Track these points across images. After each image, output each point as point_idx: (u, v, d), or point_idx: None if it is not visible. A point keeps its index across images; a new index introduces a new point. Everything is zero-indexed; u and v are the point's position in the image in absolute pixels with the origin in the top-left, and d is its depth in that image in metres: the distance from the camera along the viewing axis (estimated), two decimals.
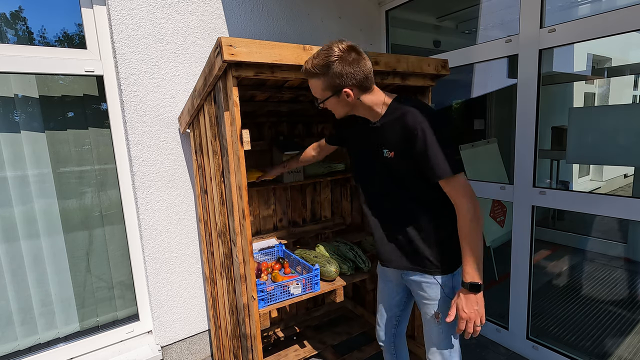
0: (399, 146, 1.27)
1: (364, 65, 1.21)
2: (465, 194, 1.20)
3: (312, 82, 1.28)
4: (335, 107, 1.32)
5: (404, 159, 1.27)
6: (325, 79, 1.23)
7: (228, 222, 1.56)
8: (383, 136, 1.31)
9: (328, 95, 1.27)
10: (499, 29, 2.50)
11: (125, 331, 2.17)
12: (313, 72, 1.24)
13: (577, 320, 2.62)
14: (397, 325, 1.65)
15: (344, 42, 1.20)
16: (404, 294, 1.57)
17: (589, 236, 3.86)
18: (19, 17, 1.82)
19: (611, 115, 2.28)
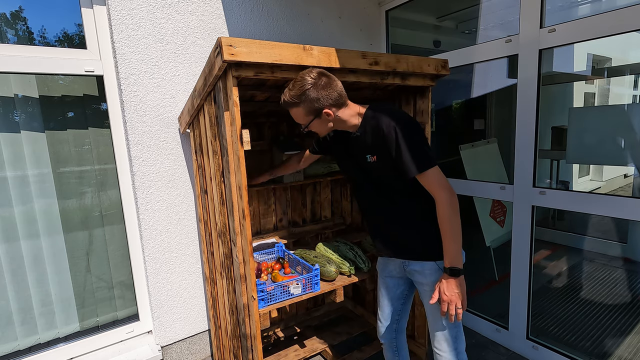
0: (379, 150, 1.38)
1: (335, 85, 1.34)
2: (440, 185, 1.30)
3: (293, 112, 1.39)
4: (319, 128, 1.43)
5: (385, 161, 1.37)
6: (305, 106, 1.34)
7: (228, 222, 1.56)
8: (364, 143, 1.43)
9: (311, 119, 1.38)
10: (499, 29, 2.50)
11: (125, 331, 2.17)
12: (292, 102, 1.35)
13: (577, 320, 2.62)
14: (399, 320, 1.68)
15: (314, 70, 1.33)
16: (405, 287, 1.62)
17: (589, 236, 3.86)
18: (19, 17, 1.82)
19: (611, 115, 2.28)
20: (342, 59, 1.43)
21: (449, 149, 3.35)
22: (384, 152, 1.36)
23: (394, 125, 1.32)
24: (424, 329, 2.09)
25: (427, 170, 1.30)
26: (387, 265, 1.61)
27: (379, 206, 1.50)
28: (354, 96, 1.99)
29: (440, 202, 1.31)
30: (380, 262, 1.67)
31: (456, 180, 2.48)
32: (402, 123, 1.33)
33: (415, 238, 1.44)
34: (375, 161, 1.41)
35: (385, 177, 1.42)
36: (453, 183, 2.47)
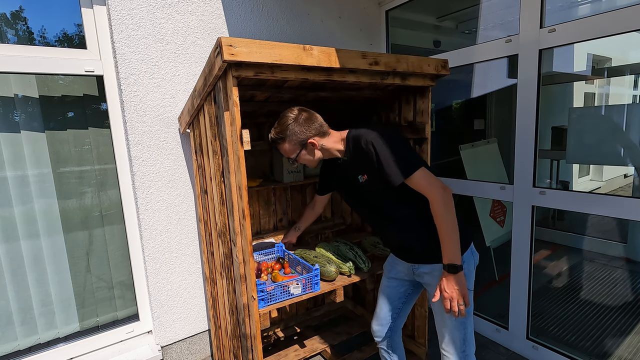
0: (365, 169, 1.45)
1: (315, 118, 1.50)
2: (429, 184, 1.33)
3: (282, 147, 1.52)
4: (308, 158, 1.54)
5: (374, 177, 1.43)
6: (290, 140, 1.48)
7: (228, 222, 1.56)
8: (353, 166, 1.51)
9: (299, 151, 1.51)
10: (499, 29, 2.50)
11: (125, 331, 2.17)
12: (279, 138, 1.49)
13: (577, 320, 2.62)
14: (396, 319, 1.69)
15: (295, 108, 1.50)
16: (409, 287, 1.64)
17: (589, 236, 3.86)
18: (19, 17, 1.82)
19: (611, 115, 2.28)
20: (342, 59, 1.43)
21: (449, 149, 3.35)
22: (370, 169, 1.42)
23: (370, 140, 1.39)
24: (424, 329, 2.09)
25: (412, 173, 1.33)
26: (396, 266, 1.63)
27: (385, 222, 1.53)
28: (354, 96, 2.00)
29: (432, 200, 1.33)
30: (388, 262, 1.69)
31: (456, 180, 2.48)
32: (377, 136, 1.39)
33: (421, 243, 1.46)
34: (367, 180, 1.47)
35: (379, 192, 1.46)
36: (453, 183, 2.47)
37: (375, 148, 1.37)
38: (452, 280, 1.32)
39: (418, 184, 1.34)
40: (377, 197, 1.49)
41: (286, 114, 1.48)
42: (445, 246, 1.33)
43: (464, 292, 1.33)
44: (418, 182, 1.34)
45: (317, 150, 1.52)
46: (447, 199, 1.32)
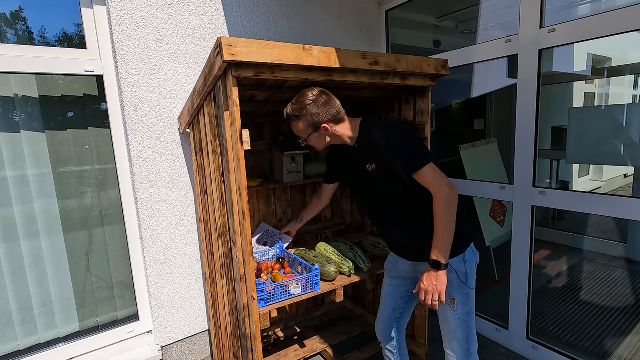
0: (375, 158, 1.43)
1: (334, 103, 1.46)
2: (436, 180, 1.33)
3: (294, 124, 1.49)
4: (317, 142, 1.53)
5: (382, 168, 1.42)
6: (305, 120, 1.45)
7: (228, 222, 1.56)
8: (363, 154, 1.50)
9: (310, 133, 1.48)
10: (499, 29, 2.50)
11: (125, 331, 2.17)
12: (294, 116, 1.46)
13: (577, 320, 2.62)
14: (400, 319, 1.68)
15: (316, 89, 1.45)
16: (411, 286, 1.63)
17: (589, 236, 3.86)
18: (19, 17, 1.82)
19: (611, 115, 2.28)
20: (342, 59, 1.43)
21: (449, 149, 3.35)
22: (379, 159, 1.42)
23: (382, 131, 1.40)
24: (424, 329, 2.09)
25: (421, 168, 1.33)
26: (397, 265, 1.63)
27: (390, 217, 1.52)
28: (354, 96, 2.00)
29: (435, 196, 1.33)
30: (389, 261, 1.68)
31: (456, 180, 2.48)
32: (389, 128, 1.41)
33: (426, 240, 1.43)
34: (375, 169, 1.46)
35: (386, 184, 1.45)
36: (453, 183, 2.47)
37: (387, 138, 1.38)
38: (432, 275, 1.33)
39: (425, 179, 1.34)
40: (384, 189, 1.48)
41: (306, 92, 1.45)
42: (436, 242, 1.33)
43: (440, 289, 1.33)
44: (425, 177, 1.34)
45: (329, 136, 1.51)
46: (451, 198, 1.31)
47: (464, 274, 1.43)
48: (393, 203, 1.48)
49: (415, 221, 1.45)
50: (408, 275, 1.60)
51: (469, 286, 1.44)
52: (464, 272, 1.43)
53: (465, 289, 1.43)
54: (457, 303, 1.43)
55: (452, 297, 1.43)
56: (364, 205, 1.69)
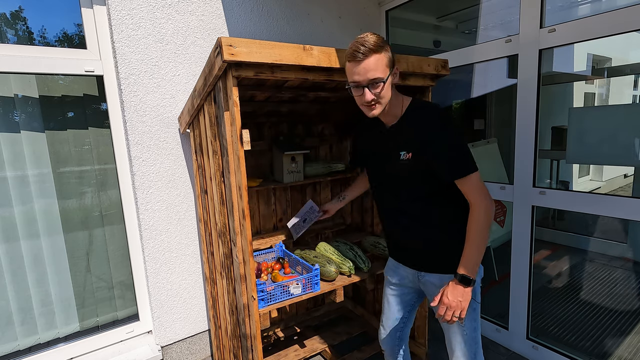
0: (417, 146, 1.27)
1: None
2: (481, 191, 1.22)
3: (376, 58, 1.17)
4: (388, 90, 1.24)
5: (420, 160, 1.27)
6: (387, 53, 1.20)
7: (228, 222, 1.56)
8: (400, 138, 1.32)
9: (389, 73, 1.21)
10: (499, 29, 2.50)
11: (125, 331, 2.17)
12: (379, 45, 1.17)
13: (577, 320, 2.62)
14: (403, 328, 1.61)
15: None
16: (414, 295, 1.55)
17: (589, 236, 3.86)
18: (19, 17, 1.82)
19: (611, 115, 2.28)
20: (342, 59, 1.43)
21: None
22: (422, 150, 1.26)
23: (439, 122, 1.23)
24: (424, 329, 2.09)
25: (470, 174, 1.22)
26: (398, 271, 1.53)
27: (403, 211, 1.39)
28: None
29: (476, 208, 1.23)
30: (389, 267, 1.59)
31: None
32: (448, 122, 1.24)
33: (438, 248, 1.36)
34: (409, 159, 1.29)
35: (416, 179, 1.31)
36: None
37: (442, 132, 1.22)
38: (459, 290, 1.24)
39: (468, 186, 1.23)
40: (411, 184, 1.33)
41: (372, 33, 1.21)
42: (468, 256, 1.24)
43: (464, 306, 1.25)
44: (470, 184, 1.22)
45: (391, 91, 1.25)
46: (490, 211, 1.23)
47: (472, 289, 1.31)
48: (414, 202, 1.35)
49: (433, 226, 1.34)
50: (411, 284, 1.50)
51: (476, 300, 1.37)
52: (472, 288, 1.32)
53: (473, 303, 1.36)
54: (465, 319, 1.35)
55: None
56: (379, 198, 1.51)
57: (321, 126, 2.56)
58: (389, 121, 1.36)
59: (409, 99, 1.34)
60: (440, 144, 1.22)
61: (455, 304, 1.24)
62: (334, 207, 1.95)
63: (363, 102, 1.25)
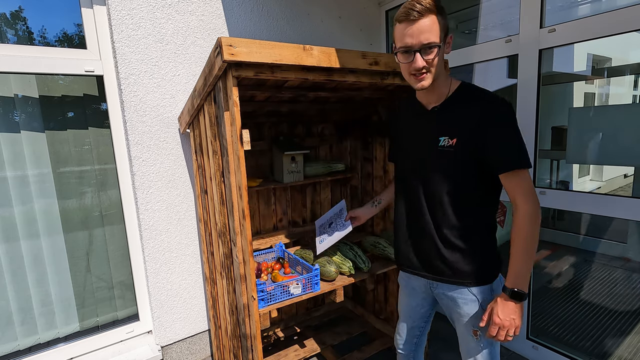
0: (464, 132, 1.13)
1: None
2: (529, 191, 1.10)
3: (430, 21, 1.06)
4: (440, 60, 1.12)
5: (466, 148, 1.13)
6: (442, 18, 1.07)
7: (228, 222, 1.56)
8: (444, 122, 1.17)
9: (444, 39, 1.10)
10: (499, 29, 2.50)
11: (125, 331, 2.17)
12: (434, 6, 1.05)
13: (577, 320, 2.62)
14: (420, 336, 1.54)
15: None
16: (430, 307, 1.46)
17: (589, 236, 3.86)
18: (19, 17, 1.82)
19: (611, 115, 2.28)
20: (342, 59, 1.43)
21: None
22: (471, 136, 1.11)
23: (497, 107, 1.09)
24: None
25: (524, 169, 1.08)
26: (410, 281, 1.43)
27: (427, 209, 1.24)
28: (354, 96, 2.00)
29: (523, 212, 1.09)
30: (402, 277, 1.50)
31: None
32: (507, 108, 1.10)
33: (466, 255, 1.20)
34: (453, 145, 1.14)
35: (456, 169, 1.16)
36: None
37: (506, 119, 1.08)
38: (511, 307, 1.10)
39: (519, 184, 1.09)
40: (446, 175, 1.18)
41: None
42: (516, 267, 1.10)
43: (518, 324, 1.12)
44: (521, 181, 1.09)
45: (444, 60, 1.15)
46: (538, 216, 1.10)
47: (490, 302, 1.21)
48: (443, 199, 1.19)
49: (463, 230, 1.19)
50: (423, 293, 1.39)
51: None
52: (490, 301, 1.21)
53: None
54: (481, 334, 1.24)
55: (475, 329, 1.25)
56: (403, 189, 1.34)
57: (321, 126, 2.56)
58: (431, 101, 1.21)
59: (458, 81, 1.20)
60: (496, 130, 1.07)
61: (508, 322, 1.11)
62: (366, 213, 1.68)
63: (412, 70, 1.12)
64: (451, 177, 1.18)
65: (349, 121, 2.52)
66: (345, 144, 2.62)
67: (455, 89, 1.18)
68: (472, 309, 1.24)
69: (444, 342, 2.29)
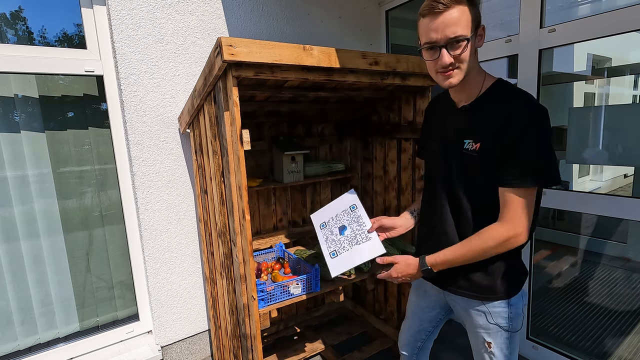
0: (489, 135, 1.03)
1: None
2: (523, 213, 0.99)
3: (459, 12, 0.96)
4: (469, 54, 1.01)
5: (489, 155, 1.03)
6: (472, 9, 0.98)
7: (228, 222, 1.56)
8: (471, 123, 1.08)
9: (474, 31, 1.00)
10: (499, 29, 2.50)
11: (125, 331, 2.17)
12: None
13: (577, 320, 2.62)
14: (425, 340, 1.47)
15: None
16: (440, 311, 1.38)
17: (589, 236, 3.86)
18: (19, 17, 1.82)
19: (611, 115, 2.28)
20: (342, 59, 1.43)
21: None
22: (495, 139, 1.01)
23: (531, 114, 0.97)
24: None
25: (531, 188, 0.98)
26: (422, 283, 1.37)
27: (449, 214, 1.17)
28: (354, 96, 2.00)
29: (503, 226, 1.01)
30: None
31: None
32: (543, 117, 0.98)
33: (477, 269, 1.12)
34: (476, 150, 1.05)
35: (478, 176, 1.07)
36: None
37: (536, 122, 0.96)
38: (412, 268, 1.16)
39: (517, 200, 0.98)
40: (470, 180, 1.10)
41: None
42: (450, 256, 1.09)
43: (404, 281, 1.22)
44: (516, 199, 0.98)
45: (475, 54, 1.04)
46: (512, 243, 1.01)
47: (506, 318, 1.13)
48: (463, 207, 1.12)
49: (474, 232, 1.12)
50: (436, 297, 1.34)
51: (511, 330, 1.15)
52: (505, 317, 1.13)
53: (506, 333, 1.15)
54: (494, 346, 1.17)
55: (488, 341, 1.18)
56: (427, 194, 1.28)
57: (321, 126, 2.56)
58: (461, 99, 1.12)
59: (493, 78, 1.09)
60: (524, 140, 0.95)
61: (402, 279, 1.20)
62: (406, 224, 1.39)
63: (438, 68, 1.03)
64: (473, 184, 1.09)
65: (349, 121, 2.52)
66: (345, 144, 2.62)
67: (488, 86, 1.07)
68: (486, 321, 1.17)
69: (444, 342, 2.29)
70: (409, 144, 2.04)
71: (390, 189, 2.24)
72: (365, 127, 2.39)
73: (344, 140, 2.62)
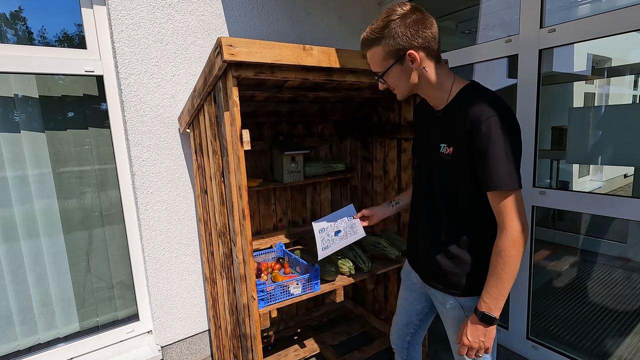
0: (459, 141, 1.07)
1: (430, 24, 1.06)
2: (517, 215, 1.02)
3: (371, 53, 1.12)
4: (399, 81, 1.11)
5: (461, 158, 1.07)
6: (386, 43, 1.05)
7: (228, 222, 1.56)
8: (444, 128, 1.13)
9: (390, 64, 1.08)
10: (499, 29, 2.50)
11: (125, 331, 2.17)
12: (372, 39, 1.08)
13: (577, 320, 2.62)
14: (414, 334, 1.52)
15: (407, 4, 1.06)
16: (426, 304, 1.44)
17: (589, 236, 3.86)
18: (19, 17, 1.82)
19: (611, 115, 2.28)
20: (342, 59, 1.43)
21: None
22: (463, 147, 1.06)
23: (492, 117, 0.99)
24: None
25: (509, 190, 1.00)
26: (410, 276, 1.43)
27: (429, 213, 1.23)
28: (354, 96, 2.00)
29: (506, 233, 1.02)
30: (404, 269, 1.50)
31: None
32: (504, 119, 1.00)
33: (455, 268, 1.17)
34: (450, 154, 1.10)
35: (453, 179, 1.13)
36: None
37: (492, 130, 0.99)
38: (480, 330, 1.09)
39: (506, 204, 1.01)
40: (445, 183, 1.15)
41: (395, 8, 1.05)
42: (490, 289, 1.06)
43: (488, 345, 1.10)
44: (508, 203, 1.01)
45: (416, 71, 1.08)
46: (523, 240, 1.02)
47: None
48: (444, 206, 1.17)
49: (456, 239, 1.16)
50: (420, 290, 1.39)
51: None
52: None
53: None
54: None
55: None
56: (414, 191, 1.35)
57: (321, 126, 2.56)
58: (435, 104, 1.18)
59: (464, 82, 1.13)
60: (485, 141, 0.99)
61: (477, 345, 1.10)
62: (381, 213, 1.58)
63: None
64: (450, 187, 1.15)
65: (349, 121, 2.53)
66: (345, 144, 2.62)
67: (457, 92, 1.11)
68: (460, 314, 1.22)
69: (444, 342, 2.29)
70: (409, 144, 2.04)
71: (390, 189, 2.25)
72: (365, 127, 2.39)
73: (344, 140, 2.62)
